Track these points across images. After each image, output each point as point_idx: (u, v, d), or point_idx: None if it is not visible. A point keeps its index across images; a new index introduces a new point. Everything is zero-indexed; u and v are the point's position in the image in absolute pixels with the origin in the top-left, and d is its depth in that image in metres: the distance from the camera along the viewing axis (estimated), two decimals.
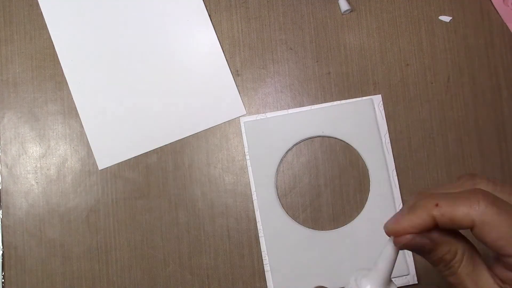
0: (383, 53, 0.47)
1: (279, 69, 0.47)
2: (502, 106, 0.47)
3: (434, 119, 0.47)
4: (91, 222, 0.46)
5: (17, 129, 0.47)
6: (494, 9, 0.48)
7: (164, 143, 0.47)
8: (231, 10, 0.48)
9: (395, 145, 0.46)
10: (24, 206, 0.46)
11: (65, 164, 0.47)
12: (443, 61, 0.47)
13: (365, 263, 0.44)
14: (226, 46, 0.48)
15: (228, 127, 0.47)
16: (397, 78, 0.47)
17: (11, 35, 0.48)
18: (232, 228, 0.46)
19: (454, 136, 0.46)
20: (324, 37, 0.48)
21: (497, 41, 0.47)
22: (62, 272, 0.46)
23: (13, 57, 0.48)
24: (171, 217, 0.46)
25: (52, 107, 0.48)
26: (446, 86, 0.47)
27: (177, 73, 0.48)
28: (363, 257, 0.44)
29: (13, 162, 0.47)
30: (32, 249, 0.46)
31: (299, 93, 0.47)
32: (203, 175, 0.46)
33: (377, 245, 0.43)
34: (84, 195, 0.46)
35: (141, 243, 0.46)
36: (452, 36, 0.48)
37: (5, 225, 0.46)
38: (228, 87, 0.47)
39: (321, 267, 0.44)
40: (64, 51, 0.48)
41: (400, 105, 0.47)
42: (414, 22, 0.48)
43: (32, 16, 0.48)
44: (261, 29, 0.48)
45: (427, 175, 0.46)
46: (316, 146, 0.46)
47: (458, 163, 0.46)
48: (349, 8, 0.47)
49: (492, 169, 0.46)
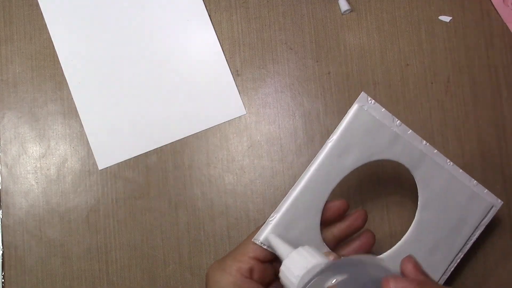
0: (383, 53, 0.47)
1: (279, 69, 0.47)
2: (502, 106, 0.47)
3: (434, 119, 0.47)
4: (91, 222, 0.46)
5: (17, 129, 0.47)
6: (494, 9, 0.48)
7: (164, 143, 0.47)
8: (231, 10, 0.48)
9: None
10: (24, 206, 0.46)
11: (65, 164, 0.47)
12: (443, 61, 0.47)
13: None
14: (226, 46, 0.48)
15: (228, 127, 0.47)
16: (397, 78, 0.47)
17: (11, 35, 0.48)
18: (232, 228, 0.46)
19: (454, 136, 0.46)
20: (324, 37, 0.48)
21: (497, 41, 0.47)
22: (62, 272, 0.46)
23: (13, 57, 0.48)
24: (171, 217, 0.46)
25: (52, 107, 0.48)
26: (446, 86, 0.47)
27: (177, 73, 0.48)
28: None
29: (13, 162, 0.47)
30: (32, 249, 0.46)
31: (299, 93, 0.47)
32: (203, 175, 0.46)
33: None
34: (84, 195, 0.47)
35: (141, 243, 0.46)
36: (452, 36, 0.48)
37: (5, 225, 0.46)
38: (228, 87, 0.47)
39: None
40: (64, 51, 0.48)
41: (400, 105, 0.47)
42: (414, 22, 0.48)
43: (32, 16, 0.48)
44: (261, 29, 0.48)
45: None
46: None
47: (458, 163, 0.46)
48: (349, 8, 0.47)
49: (492, 169, 0.46)
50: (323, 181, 0.35)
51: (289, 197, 0.35)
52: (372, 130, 0.36)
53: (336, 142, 0.35)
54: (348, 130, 0.36)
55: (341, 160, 0.36)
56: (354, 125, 0.36)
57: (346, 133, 0.36)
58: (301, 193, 0.35)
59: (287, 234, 0.34)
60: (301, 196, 0.35)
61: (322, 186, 0.35)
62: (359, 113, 0.36)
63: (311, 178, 0.35)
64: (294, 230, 0.35)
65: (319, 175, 0.35)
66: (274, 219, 0.35)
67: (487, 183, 0.46)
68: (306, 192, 0.35)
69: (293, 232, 0.35)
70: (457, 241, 0.39)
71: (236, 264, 0.33)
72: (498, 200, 0.40)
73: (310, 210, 0.35)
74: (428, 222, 0.38)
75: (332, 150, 0.35)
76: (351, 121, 0.36)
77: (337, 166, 0.36)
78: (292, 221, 0.35)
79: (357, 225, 0.37)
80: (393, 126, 0.36)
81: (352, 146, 0.36)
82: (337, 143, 0.35)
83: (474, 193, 0.39)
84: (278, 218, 0.35)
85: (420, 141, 0.37)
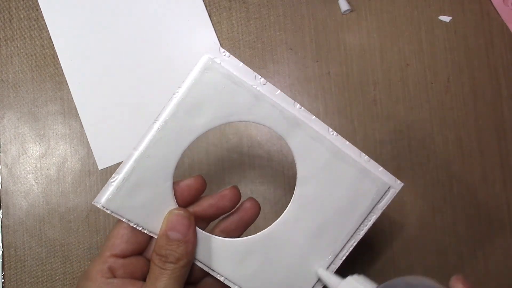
0: (383, 53, 0.47)
1: (279, 69, 0.47)
2: (502, 106, 0.47)
3: (434, 119, 0.47)
4: (91, 222, 0.46)
5: (17, 129, 0.47)
6: (494, 9, 0.48)
7: None
8: (231, 10, 0.48)
9: (395, 145, 0.46)
10: (24, 206, 0.46)
11: (65, 164, 0.47)
12: (443, 61, 0.47)
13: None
14: (226, 46, 0.48)
15: (228, 127, 0.47)
16: (397, 78, 0.47)
17: (11, 35, 0.48)
18: None
19: (454, 136, 0.46)
20: (324, 37, 0.48)
21: (497, 41, 0.47)
22: (62, 272, 0.46)
23: (13, 57, 0.48)
24: None
25: (52, 107, 0.48)
26: (446, 86, 0.47)
27: (177, 73, 0.48)
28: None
29: (13, 162, 0.47)
30: (32, 249, 0.46)
31: (299, 93, 0.47)
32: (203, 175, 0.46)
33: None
34: (84, 195, 0.47)
35: None
36: (452, 36, 0.48)
37: (5, 225, 0.46)
38: None
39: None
40: (64, 51, 0.48)
41: (400, 105, 0.47)
42: (414, 22, 0.48)
43: (32, 16, 0.48)
44: (261, 29, 0.48)
45: (427, 175, 0.46)
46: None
47: (458, 163, 0.46)
48: (349, 8, 0.47)
49: (492, 169, 0.46)
50: (172, 140, 0.32)
51: (131, 156, 0.32)
52: (228, 86, 0.32)
53: (183, 97, 0.32)
54: (197, 84, 0.32)
55: (191, 119, 0.32)
56: (204, 79, 0.32)
57: (195, 88, 0.32)
58: (145, 152, 0.32)
59: (133, 199, 0.31)
60: (146, 157, 0.32)
61: (171, 146, 0.32)
62: (210, 66, 0.32)
63: (156, 136, 0.32)
64: (140, 195, 0.31)
65: (165, 134, 0.32)
66: (115, 180, 0.31)
67: (487, 182, 0.46)
68: (153, 151, 0.32)
69: (139, 197, 0.31)
70: (347, 226, 0.33)
71: (96, 267, 0.31)
72: (398, 182, 0.34)
73: (158, 173, 0.32)
74: (309, 199, 0.33)
75: (178, 106, 0.32)
76: (200, 75, 0.32)
77: (186, 125, 0.32)
78: (138, 184, 0.31)
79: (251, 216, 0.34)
80: (255, 84, 0.32)
81: (203, 103, 0.32)
82: (183, 98, 0.32)
83: (365, 170, 0.33)
84: (120, 179, 0.31)
85: (292, 104, 0.33)
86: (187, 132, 0.32)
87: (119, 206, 0.31)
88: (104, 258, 0.31)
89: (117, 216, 0.31)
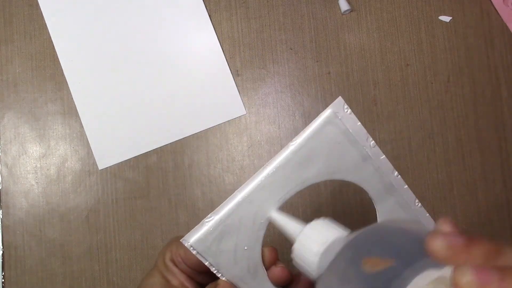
0: (383, 53, 0.47)
1: (279, 69, 0.47)
2: (502, 106, 0.47)
3: (434, 119, 0.47)
4: (91, 222, 0.46)
5: (17, 129, 0.47)
6: (494, 9, 0.48)
7: (164, 143, 0.47)
8: (231, 10, 0.48)
9: (395, 145, 0.46)
10: (24, 206, 0.46)
11: (65, 164, 0.47)
12: (443, 61, 0.47)
13: None
14: (226, 46, 0.48)
15: (228, 127, 0.47)
16: (397, 78, 0.47)
17: (11, 35, 0.48)
18: None
19: (454, 136, 0.46)
20: (324, 37, 0.48)
21: (497, 41, 0.47)
22: (62, 272, 0.46)
23: (13, 57, 0.48)
24: (171, 217, 0.46)
25: (52, 107, 0.48)
26: (446, 86, 0.47)
27: (177, 73, 0.48)
28: None
29: (13, 162, 0.47)
30: (32, 249, 0.46)
31: (299, 93, 0.47)
32: (203, 175, 0.46)
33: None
34: (84, 195, 0.46)
35: (141, 243, 0.46)
36: (452, 36, 0.48)
37: (5, 225, 0.46)
38: (228, 87, 0.47)
39: None
40: (64, 51, 0.48)
41: (400, 105, 0.47)
42: (414, 22, 0.48)
43: (32, 16, 0.48)
44: (261, 29, 0.48)
45: (427, 175, 0.46)
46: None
47: (458, 163, 0.46)
48: (349, 8, 0.47)
49: (492, 169, 0.46)
50: (276, 188, 0.30)
51: (233, 198, 0.30)
52: (342, 143, 0.31)
53: (299, 147, 0.30)
54: (315, 137, 0.30)
55: (300, 170, 0.30)
56: (323, 133, 0.30)
57: (312, 140, 0.30)
58: (249, 196, 0.30)
59: (222, 244, 0.29)
60: (247, 200, 0.30)
61: (274, 194, 0.30)
62: (331, 120, 0.30)
63: (264, 182, 0.30)
64: (229, 240, 0.29)
65: (273, 181, 0.30)
66: (211, 220, 0.29)
67: (487, 182, 0.46)
68: (255, 196, 0.30)
69: (229, 242, 0.29)
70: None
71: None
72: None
73: (255, 219, 0.30)
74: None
75: (292, 155, 0.30)
76: (321, 127, 0.30)
77: (293, 176, 0.30)
78: (231, 229, 0.29)
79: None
80: (366, 146, 0.31)
81: (316, 156, 0.30)
82: (299, 148, 0.30)
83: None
84: (217, 220, 0.29)
85: (391, 171, 0.32)
86: (293, 183, 0.30)
87: (207, 248, 0.29)
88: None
89: (201, 258, 0.29)
